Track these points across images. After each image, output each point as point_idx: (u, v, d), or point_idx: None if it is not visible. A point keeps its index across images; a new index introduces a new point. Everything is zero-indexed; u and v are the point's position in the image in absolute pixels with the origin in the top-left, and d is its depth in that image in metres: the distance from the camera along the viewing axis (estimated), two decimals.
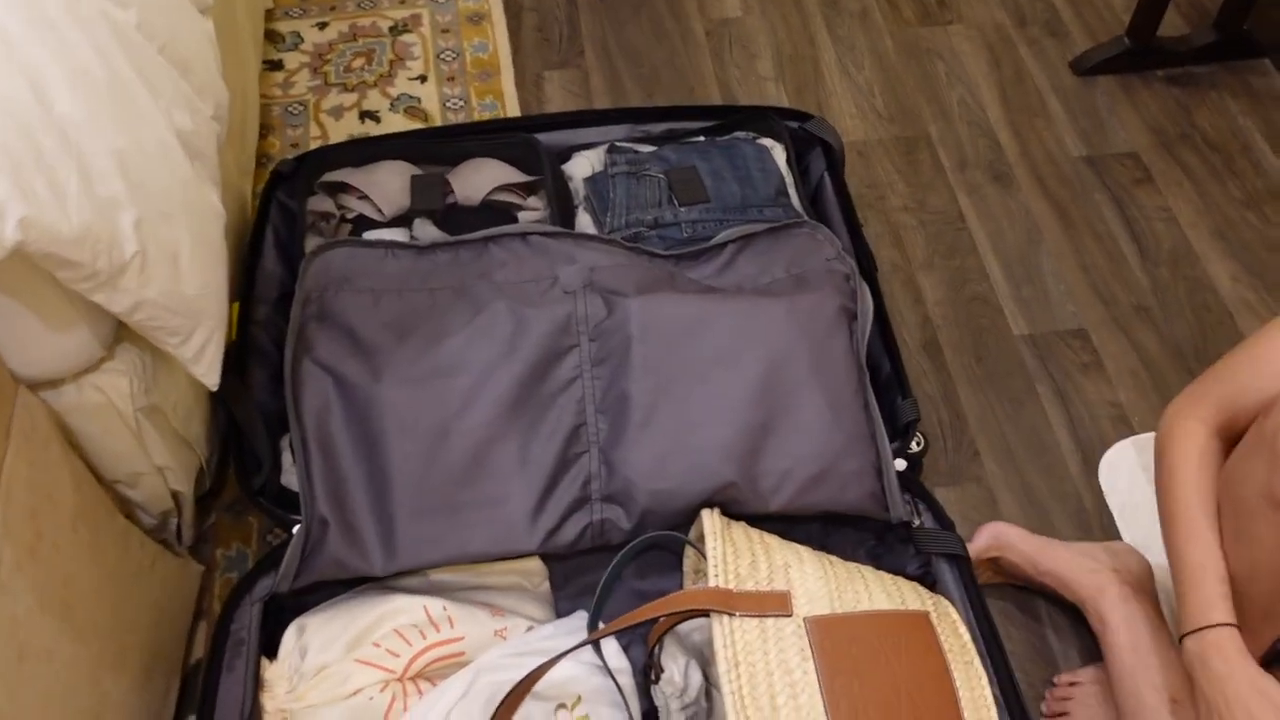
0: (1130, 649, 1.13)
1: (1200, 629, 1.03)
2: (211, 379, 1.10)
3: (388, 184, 1.42)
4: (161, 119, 0.99)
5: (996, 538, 1.25)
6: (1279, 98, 1.80)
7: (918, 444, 1.32)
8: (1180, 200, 1.64)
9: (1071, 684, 1.20)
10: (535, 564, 1.22)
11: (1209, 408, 1.05)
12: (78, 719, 0.97)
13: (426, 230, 1.39)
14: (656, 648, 1.14)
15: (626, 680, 1.10)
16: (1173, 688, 1.08)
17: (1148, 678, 1.10)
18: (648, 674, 1.14)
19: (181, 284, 1.00)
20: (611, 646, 1.14)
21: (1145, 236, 1.60)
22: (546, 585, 1.23)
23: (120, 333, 1.08)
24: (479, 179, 1.43)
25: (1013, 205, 1.65)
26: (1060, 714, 1.19)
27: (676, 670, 1.12)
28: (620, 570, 1.15)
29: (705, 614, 1.04)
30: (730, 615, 1.03)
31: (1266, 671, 1.02)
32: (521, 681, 1.04)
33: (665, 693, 1.12)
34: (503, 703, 1.03)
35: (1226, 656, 1.01)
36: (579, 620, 1.17)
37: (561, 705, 1.07)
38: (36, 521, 0.96)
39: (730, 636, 1.02)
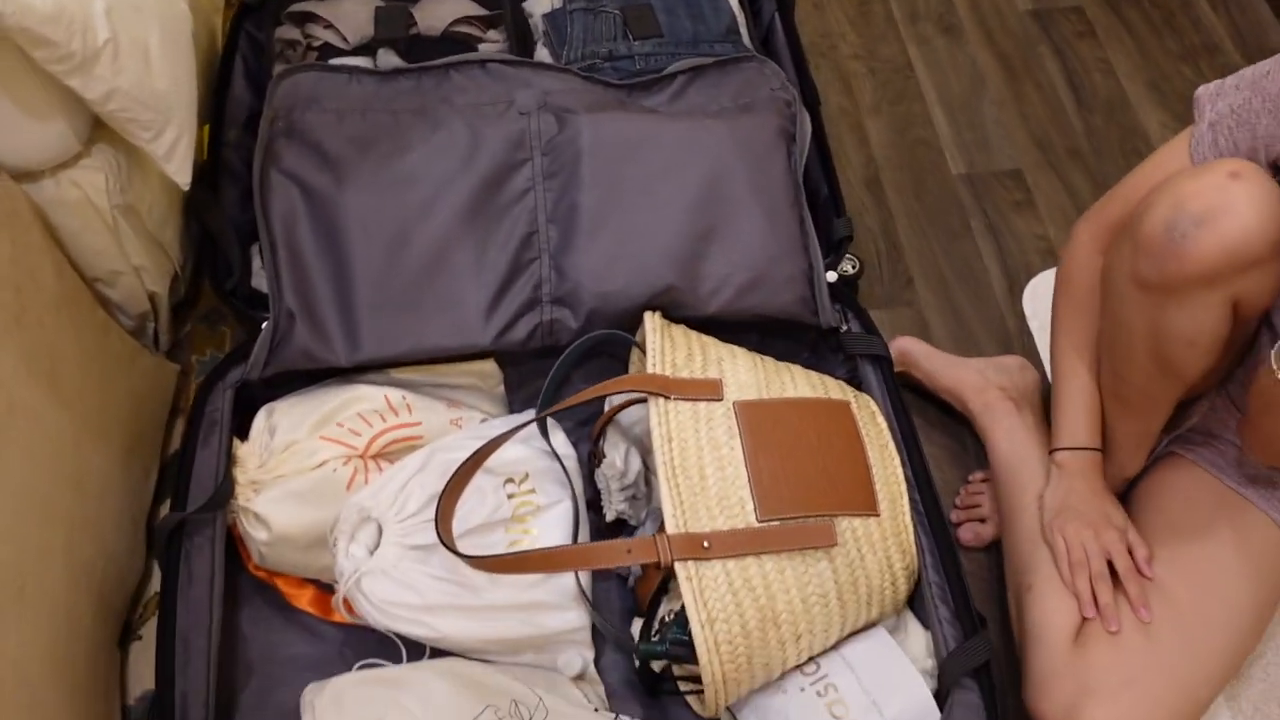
0: (1007, 455, 1.24)
1: (1067, 448, 1.15)
2: (183, 177, 1.17)
3: (353, 14, 1.48)
4: None
5: (902, 353, 1.35)
6: None
7: (853, 266, 1.41)
8: (1119, 53, 1.71)
9: (983, 480, 1.31)
10: (490, 366, 1.31)
11: (1103, 226, 1.13)
12: (61, 479, 1.06)
13: (390, 59, 1.45)
14: (600, 437, 1.23)
15: (571, 464, 1.20)
16: (1040, 490, 1.19)
17: (1019, 481, 1.21)
18: (591, 459, 1.23)
19: (152, 77, 1.06)
20: (560, 437, 1.23)
21: (1083, 86, 1.67)
22: (501, 388, 1.32)
23: (97, 133, 1.15)
24: (441, 10, 1.49)
25: (960, 56, 1.71)
26: (972, 505, 1.30)
27: (618, 456, 1.22)
28: (569, 365, 1.24)
29: (644, 400, 1.15)
30: (665, 398, 1.12)
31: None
32: (473, 455, 1.13)
33: (606, 475, 1.22)
34: (456, 473, 1.12)
35: (1082, 472, 1.15)
36: (529, 416, 1.26)
37: (510, 480, 1.17)
38: (21, 296, 1.04)
39: (665, 416, 1.11)
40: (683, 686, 1.16)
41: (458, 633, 1.09)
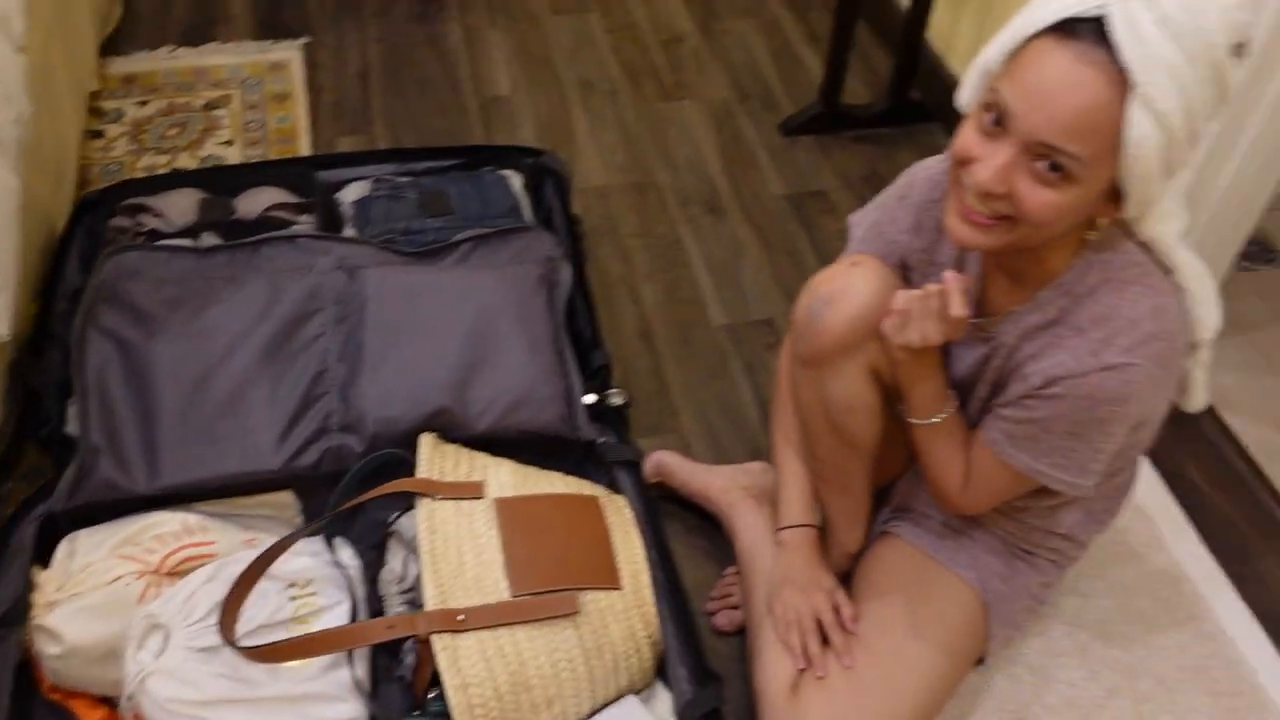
0: (748, 545, 1.41)
1: (786, 527, 1.34)
2: (2, 330, 1.33)
3: (179, 203, 1.69)
4: None
5: (658, 465, 1.54)
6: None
7: (623, 399, 1.61)
8: None
9: (735, 572, 1.47)
10: (288, 497, 1.44)
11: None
12: None
13: (210, 241, 1.65)
14: (383, 546, 1.37)
15: (354, 572, 1.33)
16: (773, 575, 1.37)
17: (755, 566, 1.39)
18: (374, 568, 1.36)
19: None
20: (348, 551, 1.36)
21: (826, 251, 1.96)
22: (300, 518, 1.45)
23: None
24: (259, 199, 1.71)
25: (723, 231, 1.99)
26: (725, 595, 1.45)
27: (397, 563, 1.35)
28: (355, 482, 1.38)
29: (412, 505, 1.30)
30: (431, 498, 1.28)
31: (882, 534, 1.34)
32: (255, 561, 1.25)
33: (386, 580, 1.34)
34: (240, 577, 1.24)
35: (799, 546, 1.34)
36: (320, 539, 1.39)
37: (293, 584, 1.29)
38: None
39: (429, 512, 1.27)
40: None
41: None
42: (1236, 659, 1.46)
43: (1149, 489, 1.65)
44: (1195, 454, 1.72)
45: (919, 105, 2.27)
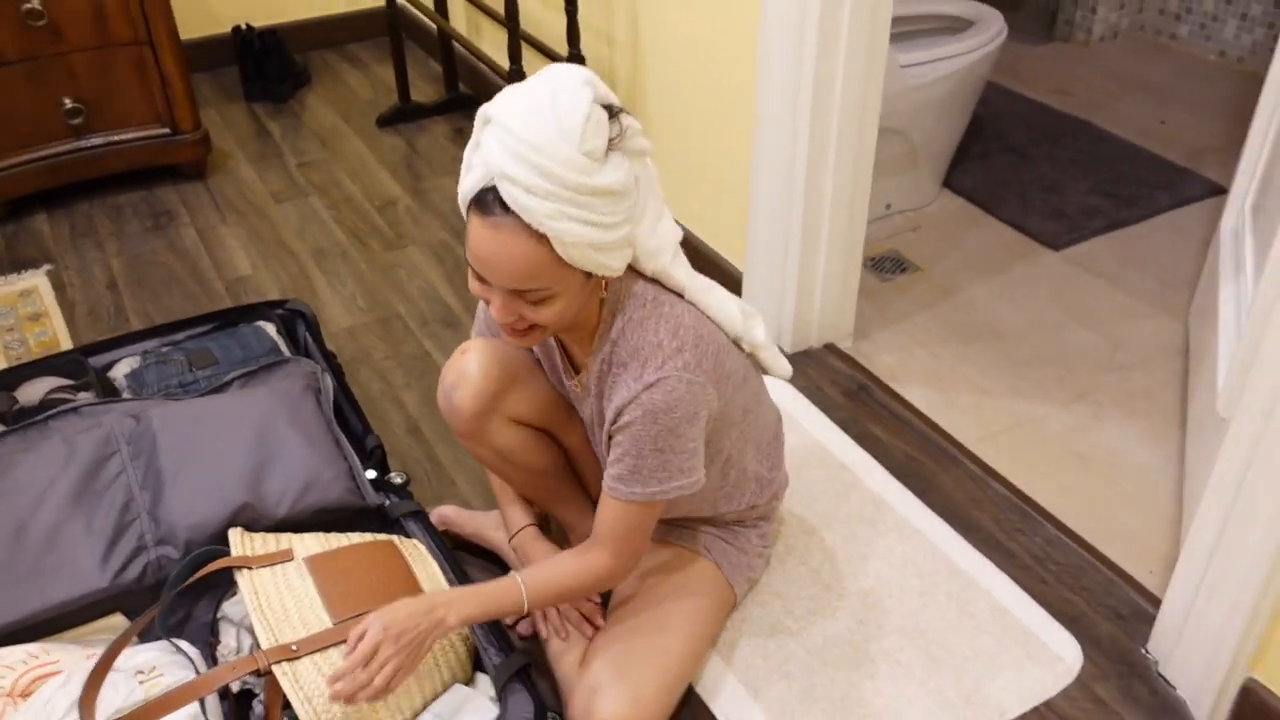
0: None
1: (513, 535, 1.65)
2: None
3: None
4: None
5: (441, 517, 1.81)
6: None
7: (402, 478, 1.87)
8: None
9: None
10: (119, 619, 1.60)
11: None
12: None
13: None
14: (215, 627, 1.55)
15: (195, 656, 1.50)
16: None
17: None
18: (209, 646, 1.54)
19: None
20: (183, 643, 1.53)
21: None
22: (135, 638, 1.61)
23: None
24: (37, 388, 1.90)
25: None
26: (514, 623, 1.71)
27: (231, 639, 1.54)
28: (182, 579, 1.56)
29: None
30: (249, 569, 1.49)
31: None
32: (104, 655, 1.41)
33: (224, 654, 1.52)
34: (92, 673, 1.40)
35: (531, 543, 1.64)
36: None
37: (140, 671, 1.45)
38: None
39: (249, 579, 1.48)
40: None
41: None
42: (930, 547, 1.83)
43: (845, 449, 2.04)
44: (875, 417, 2.14)
45: None
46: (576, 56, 2.43)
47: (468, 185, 1.20)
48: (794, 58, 1.96)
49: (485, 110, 1.19)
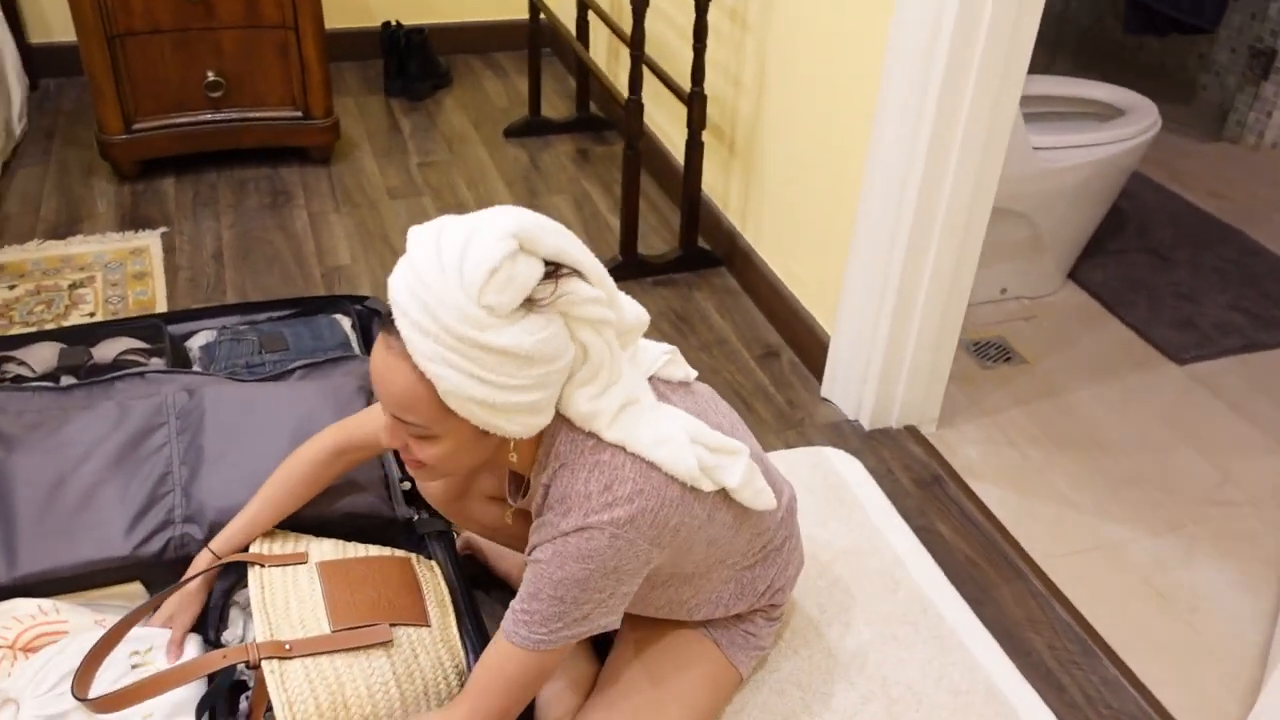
0: None
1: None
2: None
3: (41, 353, 1.91)
4: None
5: (466, 540, 1.77)
6: (730, 290, 2.59)
7: None
8: None
9: None
10: (137, 588, 1.61)
11: (344, 433, 1.53)
12: None
13: (69, 382, 1.87)
14: (223, 617, 1.55)
15: (193, 642, 1.50)
16: None
17: None
18: (215, 632, 1.54)
19: None
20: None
21: None
22: None
23: None
24: (113, 347, 1.94)
25: None
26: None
27: (239, 628, 1.53)
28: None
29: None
30: (262, 566, 1.48)
31: None
32: (113, 628, 1.42)
33: (228, 640, 1.52)
34: (99, 642, 1.40)
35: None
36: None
37: (135, 651, 1.45)
38: None
39: (259, 575, 1.47)
40: None
41: None
42: (973, 664, 1.71)
43: (903, 540, 1.93)
44: (942, 513, 2.02)
45: (708, 252, 2.66)
46: (697, 94, 2.39)
47: (387, 300, 1.16)
48: (909, 129, 1.87)
49: (409, 234, 1.15)
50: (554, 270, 1.13)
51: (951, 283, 2.05)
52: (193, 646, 1.46)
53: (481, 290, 1.07)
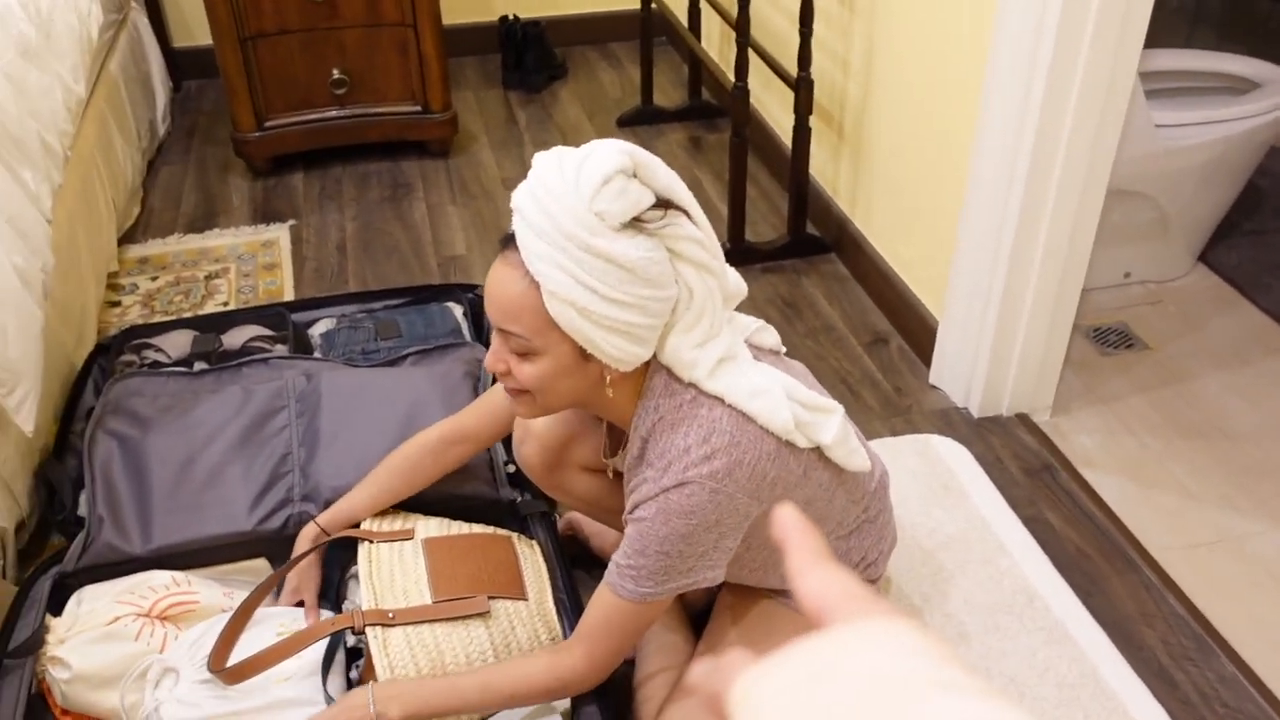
0: None
1: None
2: (28, 427, 1.65)
3: (176, 340, 2.04)
4: (1, 253, 1.62)
5: (568, 521, 1.82)
6: (839, 276, 2.57)
7: None
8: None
9: None
10: (262, 563, 1.71)
11: (451, 427, 1.58)
12: None
13: (201, 367, 1.99)
14: (342, 586, 1.63)
15: (325, 613, 1.59)
16: None
17: None
18: (339, 603, 1.62)
19: (7, 349, 1.58)
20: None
21: None
22: None
23: None
24: (241, 334, 2.06)
25: None
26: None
27: (359, 599, 1.61)
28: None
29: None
30: (371, 542, 1.56)
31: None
32: (238, 611, 1.51)
33: (347, 610, 1.60)
34: (231, 619, 1.50)
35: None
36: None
37: (281, 623, 1.54)
38: None
39: (368, 550, 1.54)
40: None
41: None
42: (1079, 656, 1.67)
43: (1010, 530, 1.89)
44: (1053, 502, 1.98)
45: (816, 238, 2.64)
46: (804, 79, 2.38)
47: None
48: (1017, 108, 1.83)
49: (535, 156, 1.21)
50: (665, 202, 1.17)
51: (1064, 267, 2.00)
52: (324, 616, 1.55)
53: (595, 195, 1.12)
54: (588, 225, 1.12)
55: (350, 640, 1.58)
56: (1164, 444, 2.13)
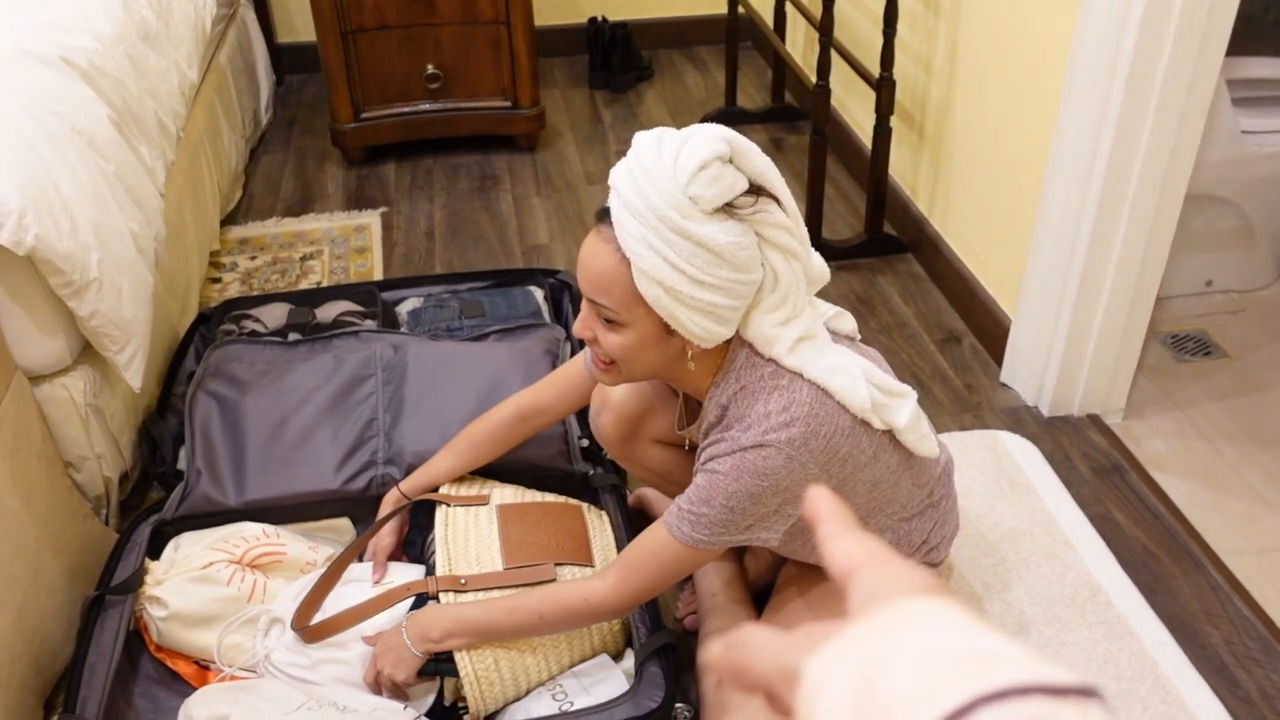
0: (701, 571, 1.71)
1: None
2: (136, 383, 1.76)
3: (273, 312, 2.15)
4: (121, 219, 1.74)
5: (639, 497, 1.87)
6: (915, 275, 2.59)
7: None
8: None
9: (691, 591, 1.75)
10: (345, 523, 1.80)
11: (527, 399, 1.64)
12: (19, 566, 1.53)
13: (295, 337, 2.10)
14: (427, 547, 1.71)
15: (420, 569, 1.66)
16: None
17: (703, 586, 1.68)
18: (424, 558, 1.70)
19: (122, 308, 1.69)
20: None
21: None
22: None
23: (82, 355, 1.75)
24: (334, 308, 2.16)
25: None
26: (690, 603, 1.74)
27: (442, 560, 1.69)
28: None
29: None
30: (447, 505, 1.64)
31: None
32: (324, 575, 1.60)
33: (432, 563, 1.68)
34: (320, 580, 1.59)
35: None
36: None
37: (376, 584, 1.62)
38: (17, 440, 1.58)
39: (445, 514, 1.62)
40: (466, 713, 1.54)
41: (330, 678, 1.51)
42: (1140, 652, 1.68)
43: (1075, 525, 1.90)
44: (1120, 501, 1.98)
45: (893, 238, 2.67)
46: (886, 79, 2.41)
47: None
48: (1096, 112, 1.84)
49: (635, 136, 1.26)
50: (757, 189, 1.22)
51: (1140, 272, 2.00)
52: (403, 573, 1.62)
53: (691, 179, 1.16)
54: (681, 208, 1.16)
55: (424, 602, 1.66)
56: (1239, 451, 2.11)
